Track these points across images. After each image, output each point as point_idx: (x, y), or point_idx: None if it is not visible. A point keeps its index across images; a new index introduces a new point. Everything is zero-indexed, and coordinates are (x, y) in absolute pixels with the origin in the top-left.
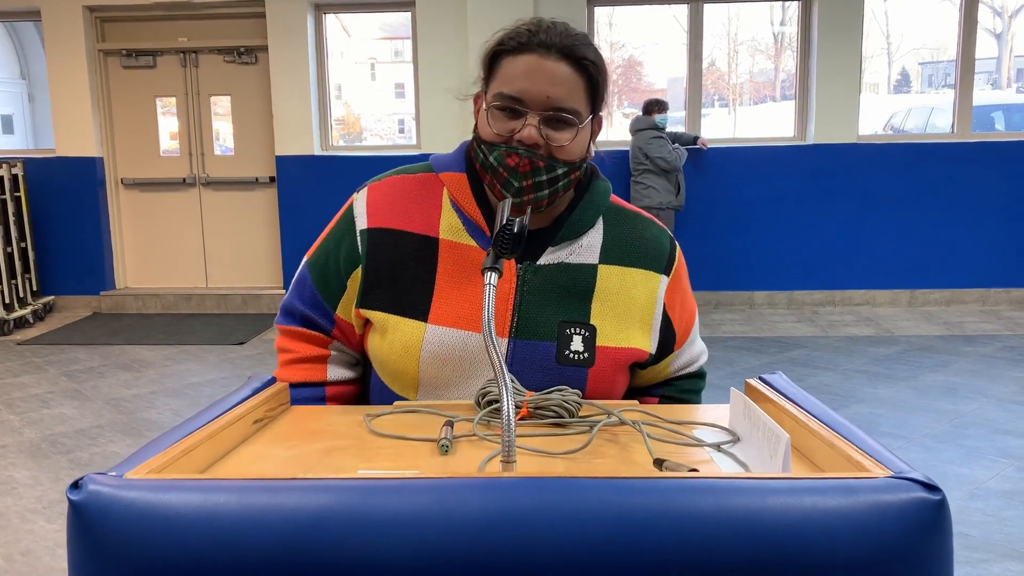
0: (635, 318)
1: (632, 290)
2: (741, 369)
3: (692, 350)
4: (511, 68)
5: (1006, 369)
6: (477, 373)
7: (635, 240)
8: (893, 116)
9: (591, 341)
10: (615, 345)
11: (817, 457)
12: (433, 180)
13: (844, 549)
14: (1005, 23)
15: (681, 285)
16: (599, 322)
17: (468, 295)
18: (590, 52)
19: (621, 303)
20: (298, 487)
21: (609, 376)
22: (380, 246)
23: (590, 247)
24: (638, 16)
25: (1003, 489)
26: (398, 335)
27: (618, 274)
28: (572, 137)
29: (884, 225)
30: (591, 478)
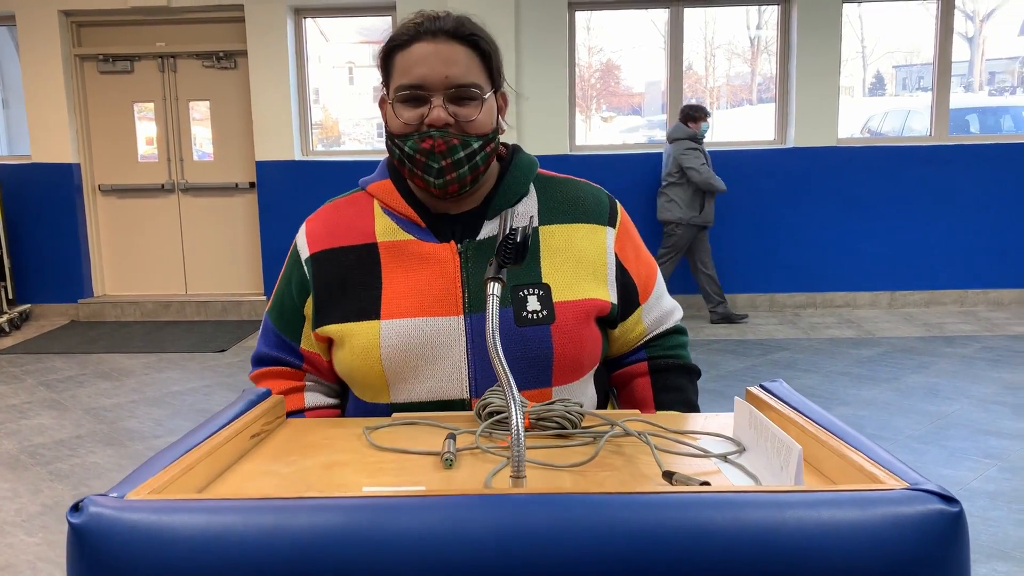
0: (587, 270)
1: (578, 243)
2: (724, 372)
3: (662, 305)
4: (405, 60)
5: (986, 370)
6: (441, 356)
7: (571, 200)
8: (870, 119)
9: (547, 299)
10: (573, 298)
11: (826, 467)
12: (362, 196)
13: (863, 563)
14: (977, 27)
15: (631, 237)
16: (551, 279)
17: (416, 284)
18: (477, 29)
19: (570, 258)
20: (306, 507)
21: (573, 331)
22: (324, 267)
23: (526, 213)
24: (616, 20)
25: (987, 490)
26: (356, 340)
27: (561, 231)
28: (479, 111)
29: (864, 227)
30: (605, 494)
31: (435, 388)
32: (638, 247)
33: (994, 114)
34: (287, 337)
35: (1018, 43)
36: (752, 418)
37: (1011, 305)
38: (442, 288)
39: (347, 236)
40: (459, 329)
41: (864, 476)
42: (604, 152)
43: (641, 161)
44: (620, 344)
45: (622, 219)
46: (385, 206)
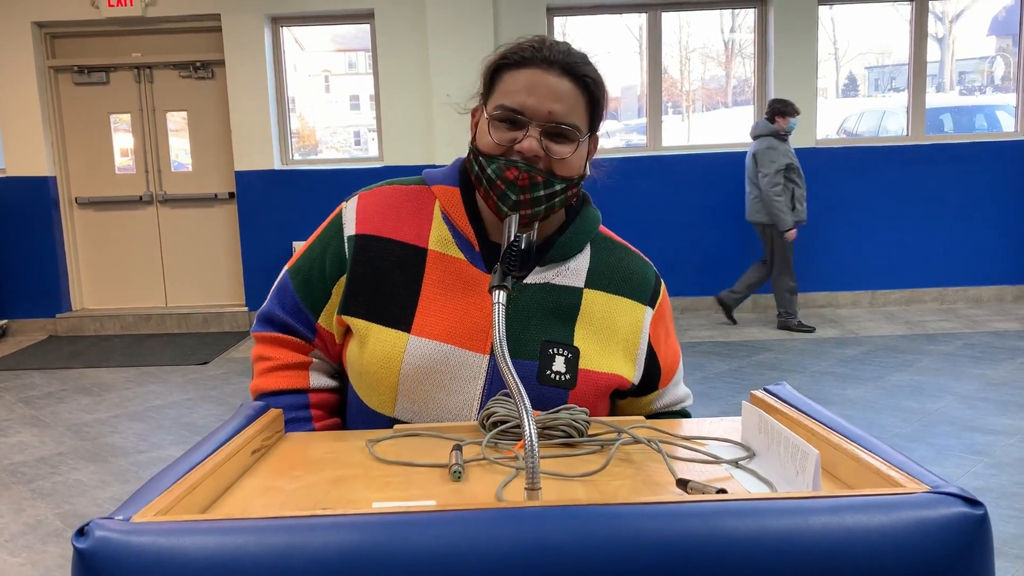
0: (619, 345)
1: (617, 317)
2: (711, 374)
3: (677, 392)
4: (513, 82)
5: (968, 366)
6: (457, 389)
7: (621, 270)
8: (846, 120)
9: (574, 363)
10: (598, 369)
11: (841, 472)
12: (425, 192)
13: (890, 568)
14: (947, 28)
15: (665, 321)
16: (583, 345)
17: (453, 308)
18: (591, 70)
19: (605, 328)
20: (320, 525)
21: (590, 401)
22: (366, 252)
23: (577, 271)
24: (591, 25)
25: (973, 486)
26: (379, 345)
27: (603, 300)
28: (572, 151)
29: (844, 227)
30: (625, 505)
31: (441, 419)
32: (669, 331)
33: (967, 113)
34: (306, 307)
35: (987, 43)
36: (762, 422)
37: (990, 302)
38: (477, 321)
39: (400, 230)
40: (481, 367)
41: (883, 480)
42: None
43: (623, 164)
44: (623, 413)
45: (662, 301)
46: (446, 214)
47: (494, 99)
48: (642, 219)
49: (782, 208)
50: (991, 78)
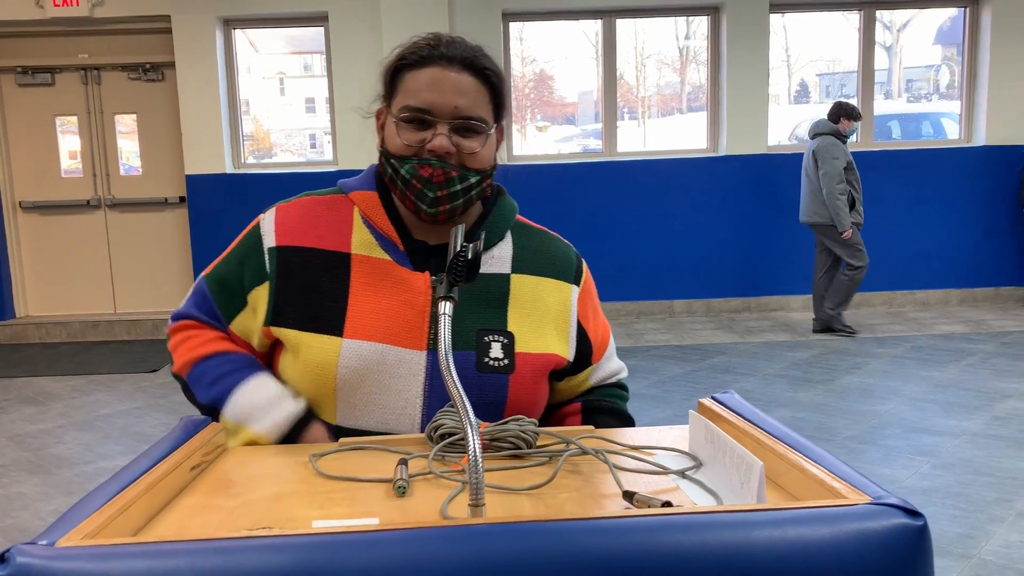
0: (551, 325)
1: (546, 298)
2: (665, 377)
3: (610, 365)
4: (415, 81)
5: (916, 369)
6: (397, 388)
7: (544, 252)
8: (797, 126)
9: (510, 348)
10: (534, 351)
11: (785, 481)
12: (342, 200)
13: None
14: (894, 36)
15: (591, 298)
16: (516, 329)
17: (384, 308)
18: (490, 62)
19: (536, 310)
20: (255, 546)
21: (530, 382)
22: (290, 264)
23: (501, 258)
24: (548, 31)
25: (921, 487)
26: (312, 353)
27: (531, 283)
28: (482, 144)
29: (794, 232)
30: (568, 520)
31: (384, 420)
32: (596, 308)
33: (914, 120)
34: (220, 312)
35: (933, 52)
36: (708, 432)
37: (936, 305)
38: (409, 318)
39: (321, 238)
40: (420, 364)
41: (826, 491)
42: (541, 162)
43: (579, 169)
44: (561, 395)
45: (586, 279)
46: (366, 218)
47: (398, 100)
48: (597, 224)
49: (843, 208)
50: (937, 86)
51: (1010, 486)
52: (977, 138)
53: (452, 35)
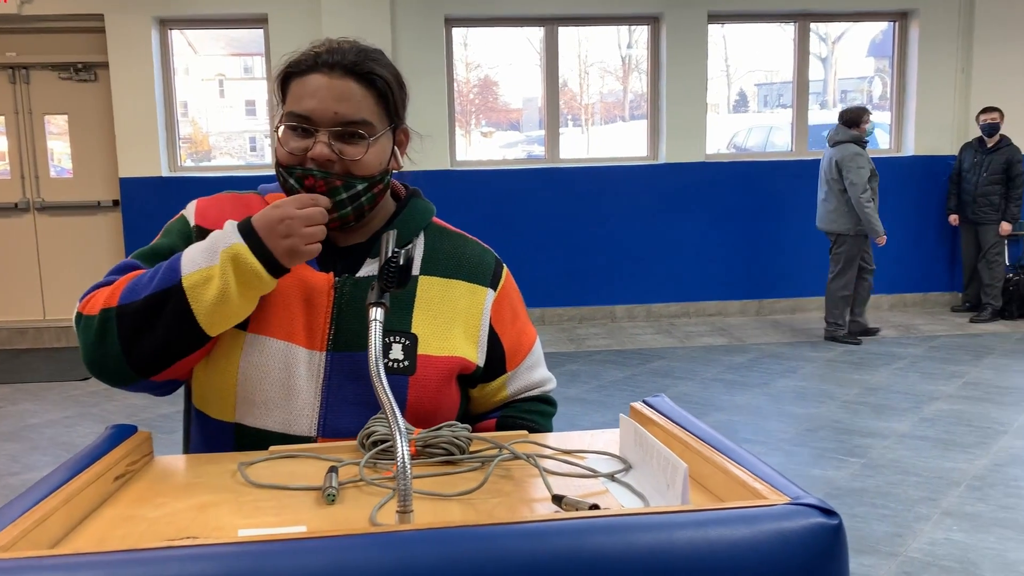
0: (459, 328)
1: (456, 300)
2: (606, 382)
3: (532, 376)
4: (300, 88)
5: (848, 372)
6: (295, 388)
7: (456, 255)
8: (735, 135)
9: (412, 349)
10: (438, 353)
11: (711, 484)
12: (257, 200)
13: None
14: (829, 48)
15: (511, 303)
16: (421, 331)
17: (290, 308)
18: (378, 66)
19: (444, 312)
20: (175, 556)
21: (433, 386)
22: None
23: (413, 242)
24: (492, 37)
25: (853, 487)
26: (217, 346)
27: (440, 285)
28: (365, 151)
29: (733, 239)
30: (494, 525)
31: (282, 419)
32: (517, 314)
33: None
34: None
35: (866, 64)
36: (638, 436)
37: (868, 310)
38: (310, 318)
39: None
40: (318, 365)
41: (748, 492)
42: (485, 167)
43: (522, 175)
44: (479, 404)
45: (505, 283)
46: None
47: (285, 108)
48: (541, 229)
49: (873, 215)
50: (870, 97)
51: (936, 485)
52: (906, 148)
53: (343, 40)
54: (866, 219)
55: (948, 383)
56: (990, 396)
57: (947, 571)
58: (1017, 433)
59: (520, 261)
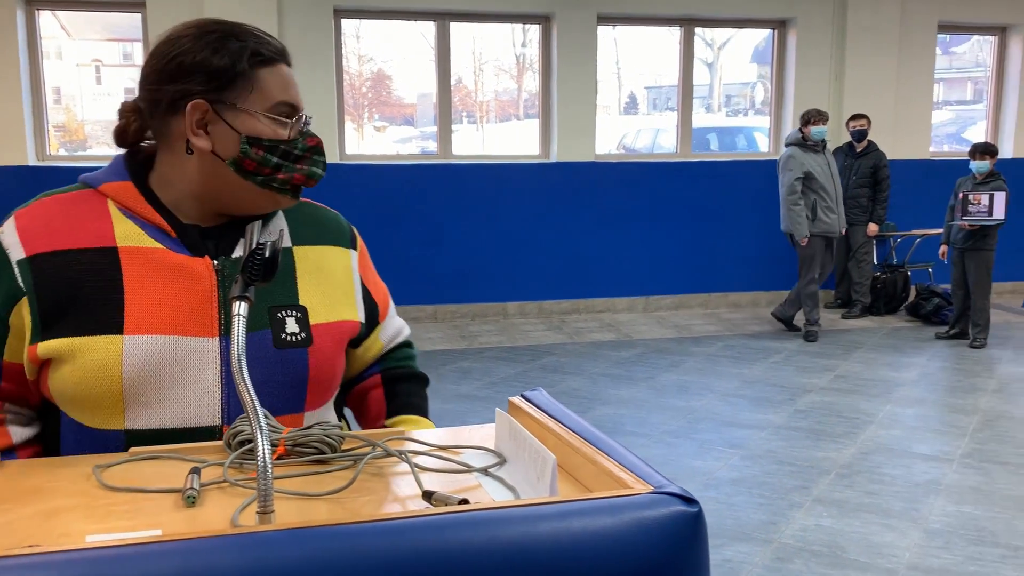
0: (340, 292)
1: (332, 266)
2: (497, 379)
3: (394, 323)
4: (277, 78)
5: (728, 366)
6: (191, 379)
7: (317, 221)
8: (624, 136)
9: (305, 321)
10: (329, 320)
11: (582, 475)
12: (90, 195)
13: (611, 568)
14: (715, 54)
15: (368, 260)
16: (308, 301)
17: (166, 298)
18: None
19: (324, 280)
20: (10, 567)
21: (330, 353)
22: (49, 271)
23: (276, 230)
24: (386, 30)
25: (731, 477)
26: (91, 356)
27: (314, 253)
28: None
29: (621, 237)
30: (356, 523)
31: (182, 414)
32: (374, 270)
33: (730, 133)
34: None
35: (750, 69)
36: (512, 429)
37: (747, 307)
38: (196, 306)
39: (77, 237)
40: (213, 351)
41: (614, 482)
42: (377, 162)
43: (414, 171)
44: (359, 363)
45: (360, 243)
46: (126, 209)
47: (262, 95)
48: (433, 226)
49: (798, 216)
50: (753, 102)
51: (808, 474)
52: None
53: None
54: (793, 217)
55: (820, 376)
56: (858, 388)
57: (817, 555)
58: (882, 423)
59: (412, 258)
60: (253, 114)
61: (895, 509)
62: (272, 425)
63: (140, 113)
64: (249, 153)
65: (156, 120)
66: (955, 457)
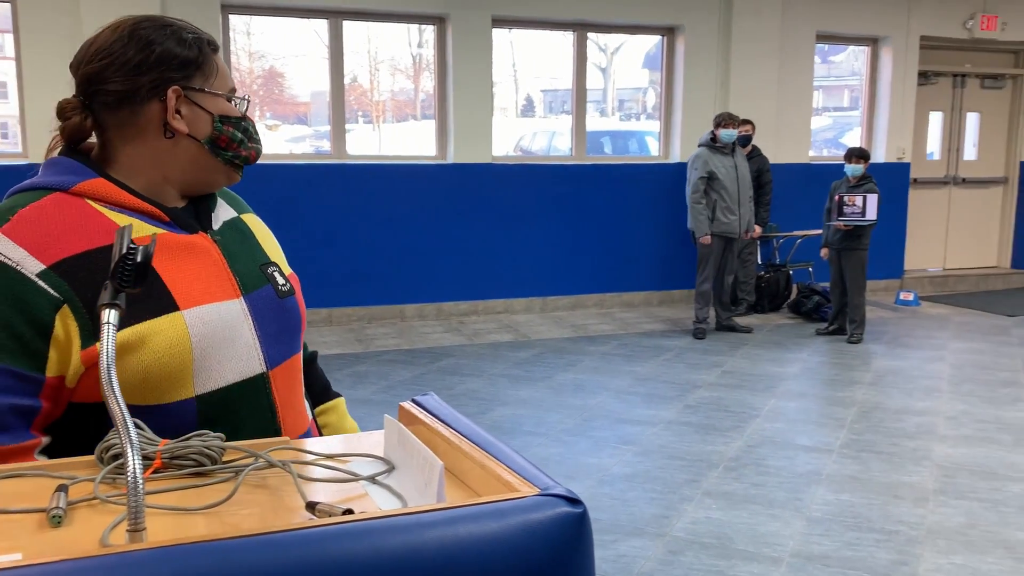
0: (279, 251)
1: (265, 229)
2: (395, 382)
3: None
4: (220, 65)
5: (622, 364)
6: (236, 337)
7: (230, 196)
8: (521, 138)
9: (282, 272)
10: (288, 272)
11: (470, 479)
12: (64, 198)
13: (498, 573)
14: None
15: None
16: (275, 259)
17: (193, 273)
18: None
19: (268, 240)
20: None
21: (300, 299)
22: (81, 274)
23: (223, 206)
24: (279, 27)
25: (625, 473)
26: (160, 337)
27: (251, 219)
28: None
29: (518, 238)
30: (233, 538)
31: (237, 368)
32: None
33: (623, 137)
34: (23, 368)
35: (641, 75)
36: (401, 436)
37: (640, 306)
38: (215, 274)
39: (85, 239)
40: (243, 310)
41: (502, 486)
42: (269, 161)
43: (307, 171)
44: None
45: None
46: (112, 204)
47: (217, 80)
48: (328, 227)
49: (698, 215)
50: (645, 107)
51: (698, 468)
52: (673, 155)
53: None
54: (694, 216)
55: (709, 372)
56: (745, 384)
57: (706, 547)
58: (767, 417)
59: (306, 260)
60: (218, 96)
61: (779, 499)
62: (147, 438)
63: (87, 109)
64: (222, 131)
65: (123, 112)
66: (834, 448)
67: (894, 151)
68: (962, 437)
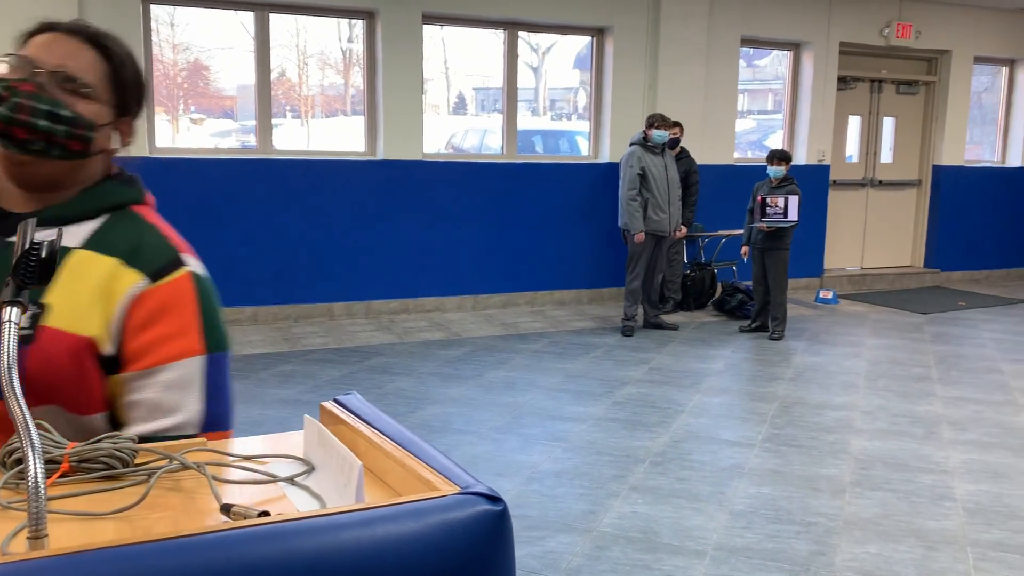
0: (98, 308)
1: (102, 278)
2: (322, 382)
3: (161, 397)
4: (33, 40)
5: (552, 362)
6: None
7: (133, 240)
8: (453, 136)
9: (36, 318)
10: (67, 329)
11: (391, 479)
12: None
13: (417, 572)
14: (540, 58)
15: (166, 310)
16: (56, 302)
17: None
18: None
19: (87, 290)
20: None
21: (56, 360)
22: None
23: (76, 234)
24: (204, 18)
25: (554, 470)
26: None
27: (93, 261)
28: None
29: (449, 236)
30: (142, 543)
31: None
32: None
33: (554, 137)
34: None
35: (572, 75)
36: (320, 436)
37: (571, 304)
38: None
39: None
40: None
41: (423, 485)
42: (192, 156)
43: (232, 166)
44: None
45: (172, 285)
46: None
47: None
48: (253, 224)
49: (633, 212)
50: (576, 106)
51: (625, 463)
52: (602, 155)
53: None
54: (628, 213)
55: (636, 369)
56: (671, 380)
57: (633, 542)
58: (692, 412)
59: (230, 258)
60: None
61: (703, 493)
62: (54, 440)
63: None
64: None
65: None
66: (756, 442)
67: (815, 153)
68: (877, 431)
